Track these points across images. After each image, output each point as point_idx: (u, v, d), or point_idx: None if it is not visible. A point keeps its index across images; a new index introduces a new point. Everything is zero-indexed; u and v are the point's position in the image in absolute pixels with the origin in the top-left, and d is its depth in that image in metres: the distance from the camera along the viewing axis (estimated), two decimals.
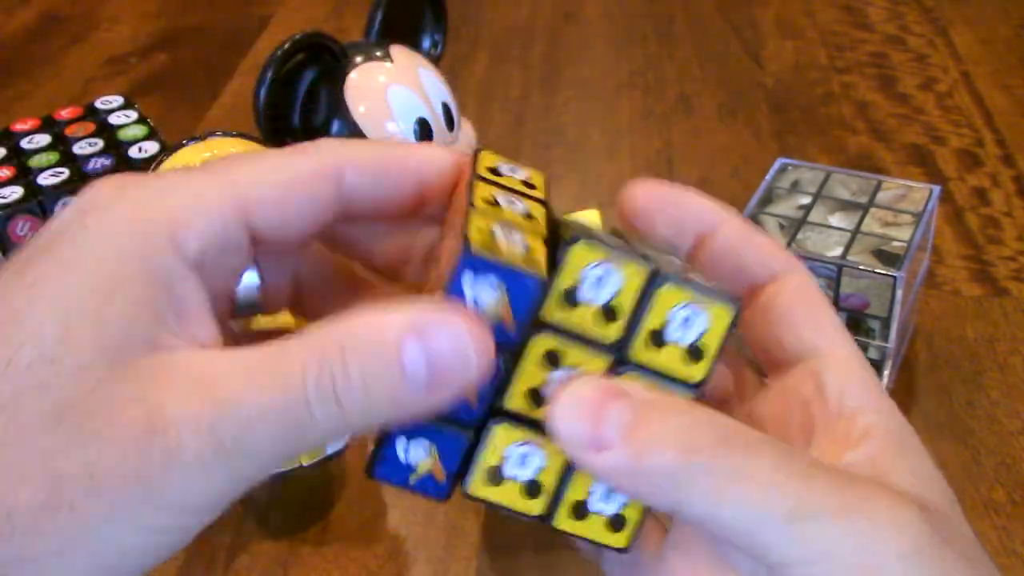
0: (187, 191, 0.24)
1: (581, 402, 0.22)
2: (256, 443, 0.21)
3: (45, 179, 0.55)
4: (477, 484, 0.24)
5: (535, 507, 0.25)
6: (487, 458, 0.24)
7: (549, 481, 0.24)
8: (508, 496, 0.24)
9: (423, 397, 0.22)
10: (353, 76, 0.53)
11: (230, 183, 0.24)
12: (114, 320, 0.22)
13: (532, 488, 0.24)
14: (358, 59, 0.54)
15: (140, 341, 0.22)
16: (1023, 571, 0.43)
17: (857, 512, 0.22)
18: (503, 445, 0.24)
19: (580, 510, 0.25)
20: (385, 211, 0.27)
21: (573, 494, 0.24)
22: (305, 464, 0.45)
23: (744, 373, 0.29)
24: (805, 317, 0.27)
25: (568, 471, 0.25)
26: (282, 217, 0.25)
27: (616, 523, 0.25)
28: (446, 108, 0.56)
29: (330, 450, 0.46)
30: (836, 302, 0.47)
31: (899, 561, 0.22)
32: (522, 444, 0.24)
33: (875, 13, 0.90)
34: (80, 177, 0.55)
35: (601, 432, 0.22)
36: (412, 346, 0.21)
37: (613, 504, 0.25)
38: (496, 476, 0.24)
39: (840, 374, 0.26)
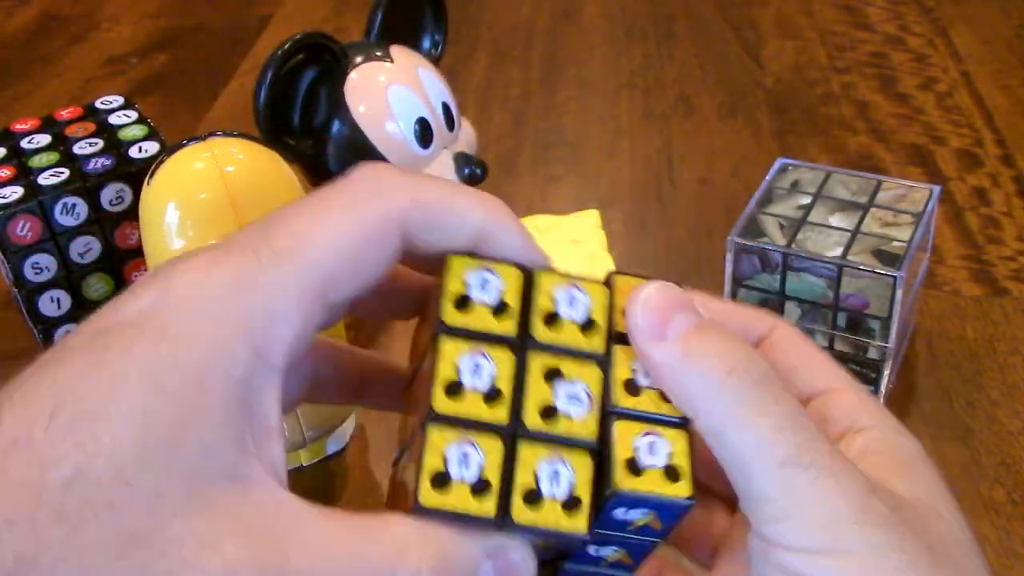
0: (265, 290, 0.23)
1: (657, 301, 0.25)
2: None
3: (45, 179, 0.55)
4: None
5: (487, 506, 0.24)
6: (430, 464, 0.24)
7: (494, 477, 0.24)
8: (462, 503, 0.24)
9: None
10: (353, 76, 0.53)
11: (303, 267, 0.23)
12: (194, 447, 0.21)
13: (479, 488, 0.24)
14: (358, 59, 0.54)
15: (219, 471, 0.21)
16: (1023, 571, 0.43)
17: (837, 477, 0.24)
18: (498, 461, 0.24)
19: (533, 497, 0.24)
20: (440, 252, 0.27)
21: (521, 480, 0.24)
22: (305, 464, 0.45)
23: None
24: (800, 363, 0.29)
25: (511, 461, 0.24)
26: (355, 282, 0.24)
27: (571, 504, 0.25)
28: (446, 108, 0.56)
29: (330, 449, 0.46)
30: (836, 302, 0.47)
31: (855, 526, 0.23)
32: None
33: (875, 13, 0.90)
34: (80, 177, 0.55)
35: (666, 327, 0.25)
36: (487, 568, 0.24)
37: (563, 488, 0.25)
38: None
39: (843, 404, 0.28)
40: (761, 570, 0.25)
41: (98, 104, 0.63)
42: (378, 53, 0.55)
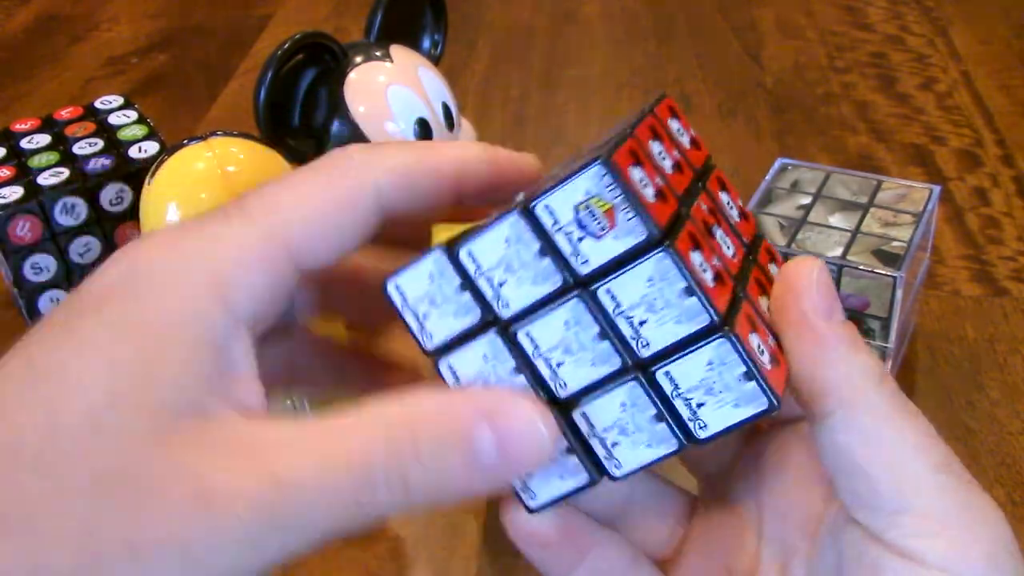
0: (232, 244, 0.23)
1: (828, 283, 0.24)
2: (313, 521, 0.21)
3: (45, 179, 0.55)
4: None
5: None
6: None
7: None
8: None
9: (493, 477, 0.23)
10: (353, 76, 0.53)
11: (272, 225, 0.24)
12: (161, 386, 0.21)
13: None
14: (358, 59, 0.54)
15: (187, 407, 0.21)
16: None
17: (987, 497, 0.24)
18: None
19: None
20: (423, 216, 0.27)
21: None
22: None
23: None
24: None
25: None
26: (326, 247, 0.25)
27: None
28: (446, 108, 0.56)
29: None
30: None
31: (1011, 557, 0.23)
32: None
33: (875, 13, 0.90)
34: (80, 177, 0.55)
35: (832, 312, 0.24)
36: (483, 432, 0.22)
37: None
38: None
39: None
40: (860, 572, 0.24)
41: (98, 104, 0.62)
42: (378, 53, 0.55)
